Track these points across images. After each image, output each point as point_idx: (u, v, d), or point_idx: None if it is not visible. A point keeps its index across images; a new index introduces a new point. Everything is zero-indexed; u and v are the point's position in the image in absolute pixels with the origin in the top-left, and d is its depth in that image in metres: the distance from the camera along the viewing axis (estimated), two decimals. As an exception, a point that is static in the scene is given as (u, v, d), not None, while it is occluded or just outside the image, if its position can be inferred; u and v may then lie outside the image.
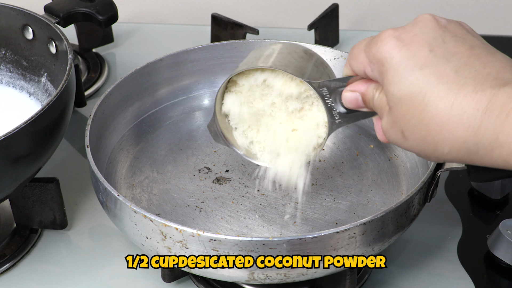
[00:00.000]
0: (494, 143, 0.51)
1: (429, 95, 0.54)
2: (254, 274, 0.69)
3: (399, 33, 0.57)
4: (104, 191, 0.74)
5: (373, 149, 0.90)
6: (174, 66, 0.94)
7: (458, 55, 0.54)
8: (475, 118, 0.52)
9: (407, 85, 0.55)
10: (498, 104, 0.51)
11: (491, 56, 0.54)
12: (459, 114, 0.52)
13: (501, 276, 0.82)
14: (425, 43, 0.56)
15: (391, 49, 0.56)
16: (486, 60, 0.54)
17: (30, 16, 0.90)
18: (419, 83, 0.54)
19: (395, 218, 0.71)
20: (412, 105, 0.55)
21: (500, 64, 0.54)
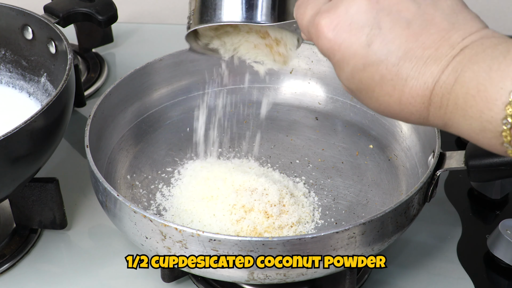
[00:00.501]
0: (445, 126, 0.55)
1: (378, 93, 0.56)
2: (254, 274, 0.69)
3: (335, 24, 0.57)
4: (103, 191, 0.74)
5: (373, 149, 0.90)
6: (173, 66, 0.94)
7: (395, 42, 0.55)
8: (423, 111, 0.55)
9: (356, 83, 0.57)
10: (439, 96, 0.54)
11: (427, 28, 0.55)
12: (409, 109, 0.56)
13: (500, 276, 0.82)
14: (362, 35, 0.56)
15: (330, 48, 0.57)
16: (424, 37, 0.54)
17: (29, 16, 0.90)
18: (367, 81, 0.56)
19: (394, 218, 0.71)
20: (365, 96, 0.58)
21: (438, 36, 0.54)
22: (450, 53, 0.53)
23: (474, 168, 0.74)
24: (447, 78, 0.53)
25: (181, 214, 0.81)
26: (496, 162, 0.73)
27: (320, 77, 0.97)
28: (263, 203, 0.79)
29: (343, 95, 0.96)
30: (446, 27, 0.54)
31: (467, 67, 0.52)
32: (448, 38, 0.54)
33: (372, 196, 0.84)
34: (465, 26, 0.54)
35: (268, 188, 0.80)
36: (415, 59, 0.54)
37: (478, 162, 0.73)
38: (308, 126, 0.95)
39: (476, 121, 0.51)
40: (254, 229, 0.77)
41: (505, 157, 0.72)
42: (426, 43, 0.54)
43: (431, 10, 0.55)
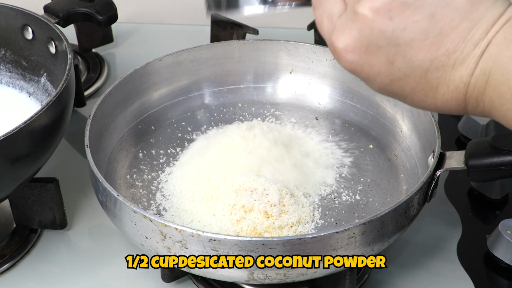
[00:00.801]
0: (489, 117, 0.55)
1: (411, 100, 0.56)
2: (254, 274, 0.69)
3: (352, 47, 0.56)
4: (103, 191, 0.74)
5: (373, 149, 0.90)
6: (173, 66, 0.94)
7: (418, 55, 0.54)
8: (462, 109, 0.55)
9: (387, 93, 0.57)
10: (473, 98, 0.54)
11: (447, 33, 0.53)
12: (446, 109, 0.56)
13: (500, 276, 0.82)
14: (382, 56, 0.55)
15: (352, 69, 0.57)
16: (446, 43, 0.53)
17: (29, 16, 0.90)
18: (397, 92, 0.56)
19: (394, 218, 0.71)
20: (401, 100, 0.58)
21: (459, 38, 0.53)
22: (476, 52, 0.52)
23: (474, 168, 0.74)
24: (477, 81, 0.53)
25: (181, 214, 0.81)
26: (496, 162, 0.72)
27: (320, 77, 0.97)
28: (263, 203, 0.79)
29: (343, 95, 0.96)
30: (466, 26, 0.53)
31: (495, 69, 0.52)
32: (471, 37, 0.53)
33: (372, 196, 0.84)
34: (487, 17, 0.53)
35: (268, 188, 0.80)
36: (442, 67, 0.54)
37: (478, 162, 0.73)
38: (308, 126, 0.95)
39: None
40: (254, 229, 0.77)
41: (505, 157, 0.72)
42: (449, 48, 0.53)
43: (448, 12, 0.53)
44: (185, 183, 0.85)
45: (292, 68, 0.97)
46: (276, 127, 0.94)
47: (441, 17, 0.53)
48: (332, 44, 0.57)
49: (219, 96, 0.98)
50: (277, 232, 0.77)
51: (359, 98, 0.94)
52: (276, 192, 0.80)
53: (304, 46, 0.96)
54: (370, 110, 0.94)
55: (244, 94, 0.99)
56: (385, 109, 0.92)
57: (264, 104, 0.98)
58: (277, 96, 0.99)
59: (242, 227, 0.77)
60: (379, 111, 0.93)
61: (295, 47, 0.96)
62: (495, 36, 0.52)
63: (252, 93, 0.99)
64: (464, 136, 1.01)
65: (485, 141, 0.74)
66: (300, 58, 0.97)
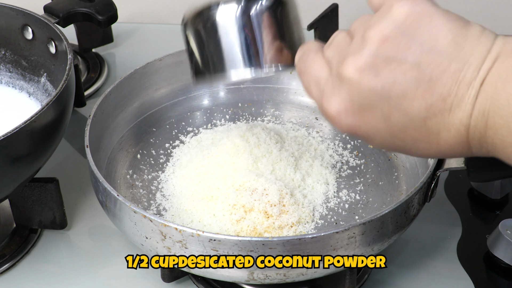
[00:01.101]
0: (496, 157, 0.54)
1: (415, 151, 0.56)
2: (254, 274, 0.69)
3: (345, 110, 0.56)
4: (103, 191, 0.74)
5: (373, 149, 0.90)
6: (173, 66, 0.94)
7: (414, 105, 0.53)
8: (467, 152, 0.54)
9: (390, 148, 0.58)
10: (476, 140, 0.53)
11: (438, 78, 0.52)
12: (451, 153, 0.55)
13: (500, 276, 0.82)
14: (376, 113, 0.55)
15: (349, 131, 0.57)
16: (439, 89, 0.52)
17: (29, 16, 0.90)
18: (400, 145, 0.56)
19: (394, 218, 0.71)
20: (405, 153, 0.58)
21: (452, 81, 0.52)
22: (470, 93, 0.51)
23: (474, 168, 0.74)
24: (477, 122, 0.51)
25: (181, 214, 0.81)
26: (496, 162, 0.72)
27: (320, 77, 0.96)
28: (263, 203, 0.79)
29: (343, 95, 0.96)
30: (455, 67, 0.52)
31: (493, 110, 0.50)
32: (463, 78, 0.51)
33: (372, 196, 0.84)
34: (474, 55, 0.51)
35: (268, 188, 0.80)
36: (440, 113, 0.53)
37: (478, 162, 0.73)
38: (308, 126, 0.95)
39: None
40: (254, 229, 0.77)
41: None
42: (443, 93, 0.52)
43: (433, 58, 0.52)
44: (185, 183, 0.85)
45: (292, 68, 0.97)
46: (276, 127, 0.94)
47: (428, 64, 0.52)
48: (325, 110, 0.57)
49: (219, 96, 0.98)
50: (277, 232, 0.77)
51: (359, 98, 0.94)
52: (276, 192, 0.80)
53: (304, 46, 0.96)
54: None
55: (244, 94, 0.99)
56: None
57: (264, 104, 0.98)
58: (277, 96, 0.99)
59: (242, 227, 0.77)
60: (379, 111, 0.93)
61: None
62: (488, 74, 0.51)
63: (252, 93, 0.99)
64: (464, 136, 1.01)
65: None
66: (299, 58, 0.97)
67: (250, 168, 0.84)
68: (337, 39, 0.59)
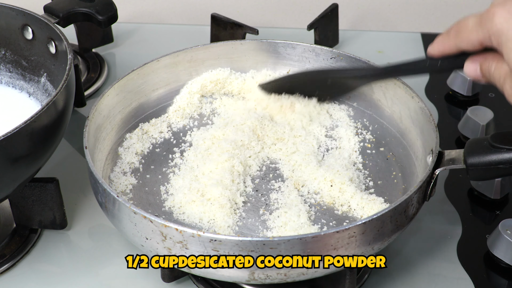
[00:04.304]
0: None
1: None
2: (255, 274, 0.69)
3: (509, 7, 0.63)
4: (103, 192, 0.74)
5: (371, 148, 0.90)
6: (171, 66, 0.94)
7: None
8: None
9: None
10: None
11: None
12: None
13: (501, 276, 0.82)
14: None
15: (505, 22, 0.63)
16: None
17: (29, 16, 0.90)
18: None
19: (394, 217, 0.71)
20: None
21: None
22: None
23: (472, 167, 0.74)
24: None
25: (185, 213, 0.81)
26: (494, 161, 0.72)
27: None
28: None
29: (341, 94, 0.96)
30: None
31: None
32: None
33: (371, 195, 0.84)
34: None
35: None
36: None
37: (476, 160, 0.73)
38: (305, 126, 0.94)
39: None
40: None
41: (503, 155, 0.72)
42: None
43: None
44: (186, 183, 0.84)
45: (289, 68, 0.97)
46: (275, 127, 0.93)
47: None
48: (491, 13, 0.65)
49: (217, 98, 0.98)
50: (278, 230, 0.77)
51: (357, 97, 0.94)
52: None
53: (301, 45, 0.96)
54: (367, 109, 0.94)
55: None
56: (383, 108, 0.92)
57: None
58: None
59: None
60: (377, 111, 0.93)
61: (292, 47, 0.96)
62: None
63: (252, 93, 0.99)
64: (464, 136, 1.01)
65: (484, 140, 0.74)
66: (297, 58, 0.97)
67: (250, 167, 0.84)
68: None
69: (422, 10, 1.36)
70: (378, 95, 0.92)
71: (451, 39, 0.70)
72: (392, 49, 1.21)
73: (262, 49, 0.97)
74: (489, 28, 0.65)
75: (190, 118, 0.95)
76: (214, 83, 0.96)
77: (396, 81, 0.88)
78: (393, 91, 0.89)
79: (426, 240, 0.86)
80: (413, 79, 1.10)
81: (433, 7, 1.36)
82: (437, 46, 0.72)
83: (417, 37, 1.23)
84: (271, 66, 0.98)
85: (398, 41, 1.23)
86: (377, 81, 0.89)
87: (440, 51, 0.72)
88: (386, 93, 0.91)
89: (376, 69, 0.87)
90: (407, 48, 1.21)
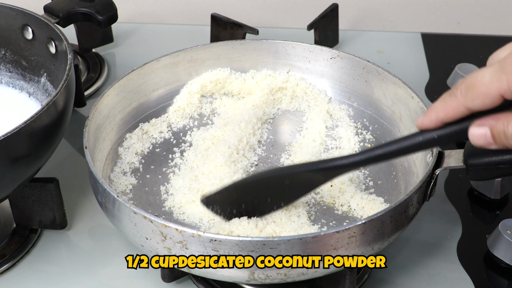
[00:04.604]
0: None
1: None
2: (255, 274, 0.69)
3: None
4: (103, 192, 0.74)
5: (373, 149, 0.90)
6: (171, 66, 0.94)
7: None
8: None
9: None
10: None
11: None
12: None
13: (501, 276, 0.82)
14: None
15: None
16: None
17: (29, 16, 0.90)
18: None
19: (394, 217, 0.71)
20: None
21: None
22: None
23: (473, 167, 0.74)
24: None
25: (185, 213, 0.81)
26: (494, 161, 0.72)
27: (317, 76, 0.97)
28: None
29: (340, 95, 0.96)
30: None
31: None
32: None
33: (371, 195, 0.84)
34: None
35: None
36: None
37: (477, 160, 0.73)
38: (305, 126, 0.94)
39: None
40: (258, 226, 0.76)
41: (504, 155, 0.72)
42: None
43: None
44: (186, 183, 0.84)
45: (289, 67, 0.97)
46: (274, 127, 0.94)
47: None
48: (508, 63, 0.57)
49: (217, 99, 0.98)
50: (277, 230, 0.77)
51: (357, 97, 0.94)
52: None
53: (301, 45, 0.96)
54: (367, 109, 0.94)
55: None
56: (383, 108, 0.92)
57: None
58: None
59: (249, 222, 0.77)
60: (377, 110, 0.93)
61: (292, 47, 0.96)
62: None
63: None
64: (464, 136, 1.01)
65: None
66: (297, 58, 0.97)
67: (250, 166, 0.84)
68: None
69: (422, 10, 1.36)
70: (378, 95, 0.92)
71: (459, 100, 0.60)
72: (392, 49, 1.21)
73: (262, 49, 0.97)
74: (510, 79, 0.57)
75: (190, 118, 0.95)
76: (214, 83, 0.96)
77: (396, 81, 0.88)
78: (393, 91, 0.89)
79: (426, 240, 0.86)
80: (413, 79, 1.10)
81: (433, 7, 1.36)
82: (435, 114, 0.62)
83: (417, 37, 1.23)
84: (271, 66, 0.98)
85: (398, 41, 1.23)
86: (348, 171, 0.74)
87: (439, 118, 0.62)
88: (386, 93, 0.91)
89: (345, 159, 0.72)
90: (407, 48, 1.21)
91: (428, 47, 1.21)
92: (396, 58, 1.18)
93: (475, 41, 1.23)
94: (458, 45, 1.22)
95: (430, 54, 1.19)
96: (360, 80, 0.93)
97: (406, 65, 1.16)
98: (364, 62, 0.92)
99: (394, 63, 1.16)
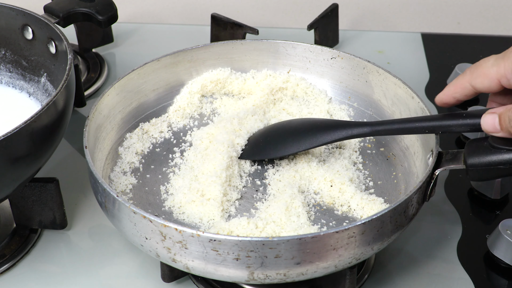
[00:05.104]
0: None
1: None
2: (254, 274, 0.69)
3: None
4: (103, 192, 0.74)
5: (371, 149, 0.90)
6: (172, 66, 0.94)
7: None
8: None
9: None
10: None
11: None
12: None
13: (500, 276, 0.82)
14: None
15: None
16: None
17: (29, 16, 0.90)
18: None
19: (394, 217, 0.71)
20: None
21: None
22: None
23: (472, 167, 0.74)
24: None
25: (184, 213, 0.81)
26: (494, 161, 0.72)
27: (317, 76, 0.97)
28: None
29: (340, 95, 0.96)
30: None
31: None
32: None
33: (371, 195, 0.84)
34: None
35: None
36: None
37: (476, 161, 0.73)
38: (308, 126, 0.95)
39: None
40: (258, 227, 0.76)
41: (504, 155, 0.72)
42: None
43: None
44: (185, 183, 0.84)
45: (289, 67, 0.97)
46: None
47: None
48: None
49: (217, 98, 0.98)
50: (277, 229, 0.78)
51: (357, 97, 0.94)
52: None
53: (301, 45, 0.96)
54: (368, 109, 0.94)
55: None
56: (383, 108, 0.92)
57: (263, 103, 0.98)
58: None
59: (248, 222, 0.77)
60: (377, 111, 0.93)
61: (292, 47, 0.96)
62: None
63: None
64: (464, 136, 1.01)
65: (484, 140, 0.74)
66: (297, 58, 0.97)
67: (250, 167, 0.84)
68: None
69: (422, 10, 1.36)
70: (378, 95, 0.92)
71: (466, 77, 0.70)
72: (392, 49, 1.21)
73: (262, 49, 0.97)
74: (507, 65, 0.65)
75: (191, 118, 0.95)
76: (214, 83, 0.96)
77: (396, 81, 0.88)
78: (393, 91, 0.89)
79: (426, 240, 0.86)
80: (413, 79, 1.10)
81: (433, 7, 1.36)
82: (448, 89, 0.72)
83: (417, 37, 1.23)
84: (271, 66, 0.98)
85: (398, 41, 1.23)
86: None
87: (451, 93, 0.72)
88: (386, 93, 0.91)
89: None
90: (407, 48, 1.21)
91: (428, 47, 1.21)
92: (396, 58, 1.18)
93: (475, 41, 1.23)
94: (458, 45, 1.22)
95: (430, 54, 1.19)
96: (361, 80, 0.93)
97: (406, 65, 1.16)
98: (364, 62, 0.92)
99: (394, 63, 1.16)
